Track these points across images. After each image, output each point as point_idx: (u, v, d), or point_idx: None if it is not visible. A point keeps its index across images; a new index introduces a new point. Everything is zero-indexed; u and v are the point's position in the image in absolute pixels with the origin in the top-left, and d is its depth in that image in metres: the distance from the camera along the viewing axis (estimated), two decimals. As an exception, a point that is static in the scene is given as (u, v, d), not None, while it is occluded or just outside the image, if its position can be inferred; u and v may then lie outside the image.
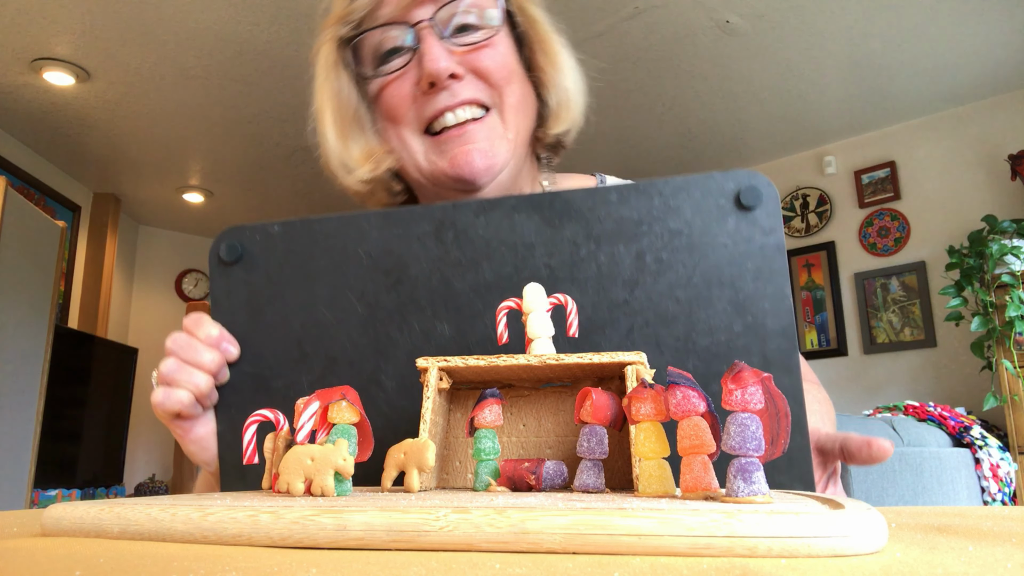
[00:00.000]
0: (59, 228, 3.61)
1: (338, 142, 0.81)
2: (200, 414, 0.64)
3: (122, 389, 5.04)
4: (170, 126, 4.33)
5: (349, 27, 0.78)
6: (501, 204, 0.61)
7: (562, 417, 0.54)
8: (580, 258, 0.58)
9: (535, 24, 0.82)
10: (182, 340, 0.63)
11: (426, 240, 0.61)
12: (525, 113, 0.80)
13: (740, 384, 0.36)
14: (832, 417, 0.78)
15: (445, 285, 0.60)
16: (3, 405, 3.09)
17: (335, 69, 0.80)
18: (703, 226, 0.56)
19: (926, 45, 3.58)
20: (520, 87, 0.80)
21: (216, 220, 6.01)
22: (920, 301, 4.26)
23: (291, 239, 0.64)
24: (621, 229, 0.58)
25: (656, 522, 0.28)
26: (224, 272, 0.66)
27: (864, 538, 0.27)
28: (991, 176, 4.09)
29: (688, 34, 3.50)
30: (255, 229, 0.66)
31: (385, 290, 0.61)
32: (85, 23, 3.31)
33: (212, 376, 0.63)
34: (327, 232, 0.64)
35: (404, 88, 0.77)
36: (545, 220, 0.59)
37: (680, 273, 0.56)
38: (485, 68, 0.77)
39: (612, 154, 4.83)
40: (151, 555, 0.30)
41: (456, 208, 0.61)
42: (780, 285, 0.55)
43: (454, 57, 0.75)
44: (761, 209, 0.55)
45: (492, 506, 0.31)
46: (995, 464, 2.56)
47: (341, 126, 0.81)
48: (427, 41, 0.74)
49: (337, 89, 0.80)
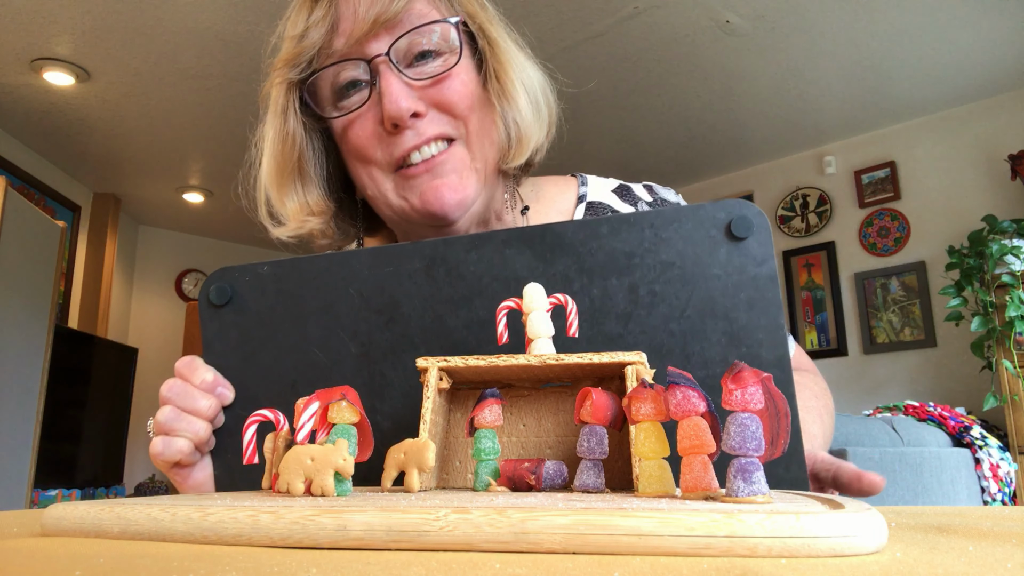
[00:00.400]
0: (59, 228, 3.61)
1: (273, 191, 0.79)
2: (198, 460, 0.64)
3: (122, 389, 5.04)
4: (170, 126, 4.34)
5: (299, 68, 0.75)
6: (492, 239, 0.60)
7: (562, 417, 0.54)
8: (573, 292, 0.57)
9: (495, 47, 0.78)
10: (178, 388, 0.62)
11: (417, 277, 0.61)
12: (491, 139, 0.78)
13: (740, 384, 0.36)
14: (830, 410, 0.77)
15: (438, 322, 0.60)
16: (3, 405, 3.09)
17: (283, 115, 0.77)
18: (695, 257, 0.56)
19: (926, 45, 3.59)
20: (483, 113, 0.77)
21: (216, 220, 6.02)
22: (920, 301, 4.26)
23: (281, 279, 0.64)
24: (613, 262, 0.58)
25: (656, 522, 0.28)
26: (215, 315, 0.65)
27: (864, 538, 0.27)
28: (991, 176, 4.09)
29: (688, 34, 3.50)
30: (244, 270, 0.65)
31: (378, 329, 0.61)
32: (85, 23, 3.31)
33: (210, 422, 0.62)
34: (317, 271, 0.63)
35: (367, 127, 0.74)
36: (536, 254, 0.59)
37: (674, 305, 0.56)
38: (447, 101, 0.74)
39: (612, 154, 4.83)
40: (151, 555, 0.30)
41: (447, 244, 0.61)
42: (774, 315, 0.54)
43: (414, 93, 0.73)
44: (753, 239, 0.55)
45: (492, 506, 0.31)
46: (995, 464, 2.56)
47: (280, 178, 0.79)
48: (385, 78, 0.72)
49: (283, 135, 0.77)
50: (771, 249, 0.55)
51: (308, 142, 0.79)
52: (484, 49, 0.79)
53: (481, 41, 0.78)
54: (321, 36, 0.73)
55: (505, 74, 0.78)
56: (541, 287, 0.54)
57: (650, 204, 0.88)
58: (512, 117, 0.78)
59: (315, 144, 0.80)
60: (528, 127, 0.79)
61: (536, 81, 0.81)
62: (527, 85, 0.80)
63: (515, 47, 0.81)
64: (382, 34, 0.73)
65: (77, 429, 4.45)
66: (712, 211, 0.56)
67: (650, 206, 0.87)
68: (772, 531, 0.27)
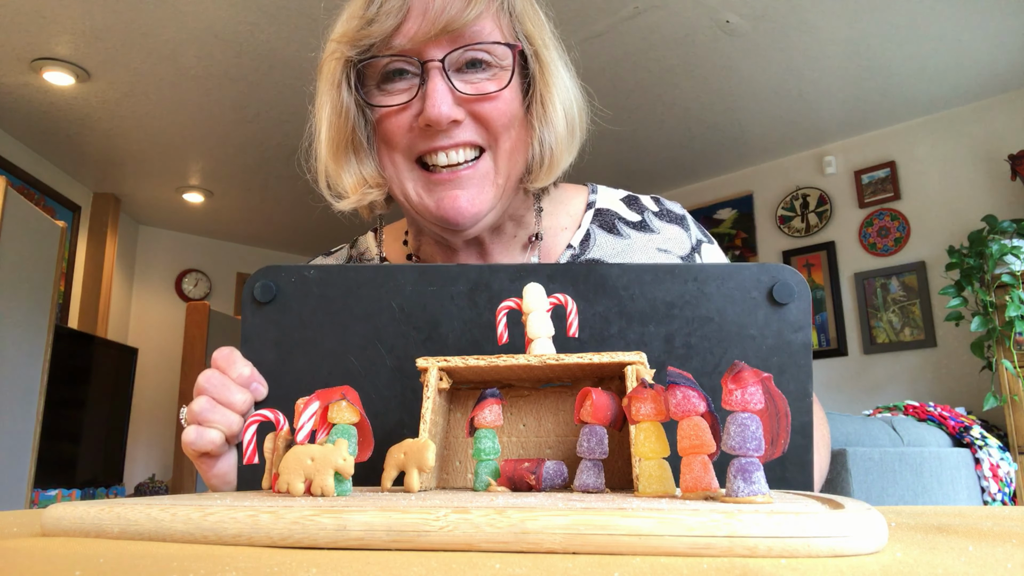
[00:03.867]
0: (59, 228, 3.61)
1: (331, 165, 0.81)
2: (227, 451, 0.65)
3: (122, 389, 5.04)
4: (170, 126, 4.34)
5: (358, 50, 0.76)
6: (537, 271, 0.61)
7: (562, 417, 0.54)
8: (610, 334, 0.58)
9: (544, 70, 0.80)
10: (216, 379, 0.63)
11: (460, 300, 0.61)
12: (519, 159, 0.80)
13: (740, 384, 0.36)
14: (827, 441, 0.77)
15: (475, 346, 0.60)
16: (3, 405, 3.09)
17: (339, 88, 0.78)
18: (734, 316, 0.57)
19: (926, 45, 3.58)
20: (517, 132, 0.79)
21: (216, 220, 6.02)
22: (920, 301, 4.26)
23: (326, 284, 0.65)
24: (654, 309, 0.58)
25: (656, 522, 0.28)
26: (257, 311, 0.66)
27: (864, 538, 0.27)
28: (991, 176, 4.09)
29: (688, 34, 3.50)
30: (291, 271, 0.66)
31: (415, 345, 0.62)
32: (85, 23, 3.31)
33: (242, 416, 0.63)
34: (362, 281, 0.64)
35: (404, 120, 0.76)
36: (579, 292, 0.60)
37: (707, 360, 0.57)
38: (487, 115, 0.75)
39: (612, 154, 4.83)
40: (151, 555, 0.30)
41: (492, 271, 0.62)
42: (803, 382, 0.55)
43: (457, 100, 0.74)
44: (793, 305, 0.56)
45: (492, 506, 0.31)
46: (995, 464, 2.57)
47: (335, 150, 0.80)
48: (433, 81, 0.73)
49: (338, 109, 0.79)
50: (808, 318, 0.56)
51: (361, 116, 0.80)
52: (535, 73, 0.80)
53: (533, 65, 0.80)
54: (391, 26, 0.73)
55: (549, 98, 0.80)
56: (541, 287, 0.54)
57: (657, 215, 0.89)
58: (548, 141, 0.80)
59: (368, 118, 0.81)
60: (561, 152, 0.81)
61: (575, 105, 0.83)
62: (567, 109, 0.81)
63: (564, 69, 0.82)
64: (443, 41, 0.74)
65: (77, 429, 4.45)
66: (756, 273, 0.57)
67: (657, 216, 0.89)
68: (772, 531, 0.27)
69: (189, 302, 5.89)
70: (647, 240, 0.87)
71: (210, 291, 6.44)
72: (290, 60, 3.57)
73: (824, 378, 4.54)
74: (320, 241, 6.47)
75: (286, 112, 4.15)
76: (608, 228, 0.88)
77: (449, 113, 0.73)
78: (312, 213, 0.87)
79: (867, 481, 2.10)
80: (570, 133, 0.82)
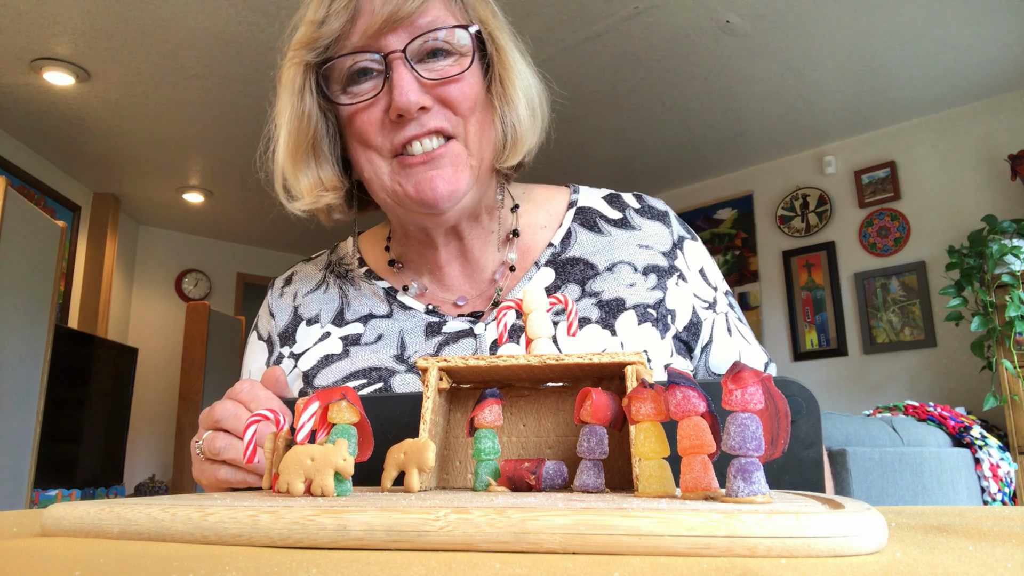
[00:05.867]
0: (59, 228, 3.61)
1: (288, 167, 0.82)
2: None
3: (122, 389, 5.04)
4: (170, 126, 4.34)
5: (316, 52, 0.77)
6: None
7: (562, 417, 0.54)
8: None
9: (501, 53, 0.82)
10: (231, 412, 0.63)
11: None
12: (488, 140, 0.81)
13: (740, 384, 0.36)
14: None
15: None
16: (3, 405, 3.09)
17: (300, 94, 0.80)
18: None
19: (926, 45, 3.59)
20: (483, 114, 0.81)
21: (216, 220, 6.02)
22: (920, 301, 4.26)
23: None
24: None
25: (656, 522, 0.28)
26: None
27: (864, 538, 0.27)
28: (991, 176, 4.09)
29: (688, 34, 3.50)
30: None
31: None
32: (85, 23, 3.31)
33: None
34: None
35: (375, 115, 0.77)
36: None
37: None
38: (452, 99, 0.77)
39: (612, 154, 4.83)
40: (151, 555, 0.30)
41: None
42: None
43: (423, 88, 0.76)
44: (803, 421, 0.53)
45: (492, 506, 0.31)
46: (995, 464, 2.57)
47: (295, 154, 0.81)
48: (398, 71, 0.75)
49: (300, 113, 0.80)
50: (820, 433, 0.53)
51: (323, 121, 0.81)
52: (492, 55, 0.82)
53: (490, 47, 0.82)
54: (340, 25, 0.75)
55: (509, 79, 0.82)
56: (541, 287, 0.54)
57: (638, 211, 0.90)
58: (511, 120, 0.82)
59: (329, 123, 0.82)
60: (525, 130, 0.83)
61: (534, 88, 0.85)
62: (526, 91, 0.83)
63: (519, 55, 0.84)
64: (399, 30, 0.75)
65: (77, 429, 4.45)
66: None
67: (638, 213, 0.89)
68: (772, 531, 0.27)
69: (189, 302, 5.89)
70: (628, 237, 0.87)
71: (210, 291, 6.44)
72: (290, 60, 3.57)
73: (824, 378, 4.54)
74: (320, 241, 6.47)
75: (286, 112, 4.15)
76: (589, 226, 0.89)
77: (417, 100, 0.74)
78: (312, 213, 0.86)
79: (867, 481, 2.10)
80: (531, 113, 0.84)
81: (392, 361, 0.81)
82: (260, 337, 0.92)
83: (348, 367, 0.82)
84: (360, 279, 0.91)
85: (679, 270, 0.85)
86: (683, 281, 0.85)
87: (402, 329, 0.83)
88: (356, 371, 0.81)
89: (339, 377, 0.81)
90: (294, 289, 0.93)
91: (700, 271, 0.87)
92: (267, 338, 0.91)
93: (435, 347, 0.81)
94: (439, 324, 0.83)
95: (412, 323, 0.84)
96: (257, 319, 0.95)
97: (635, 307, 0.80)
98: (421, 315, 0.84)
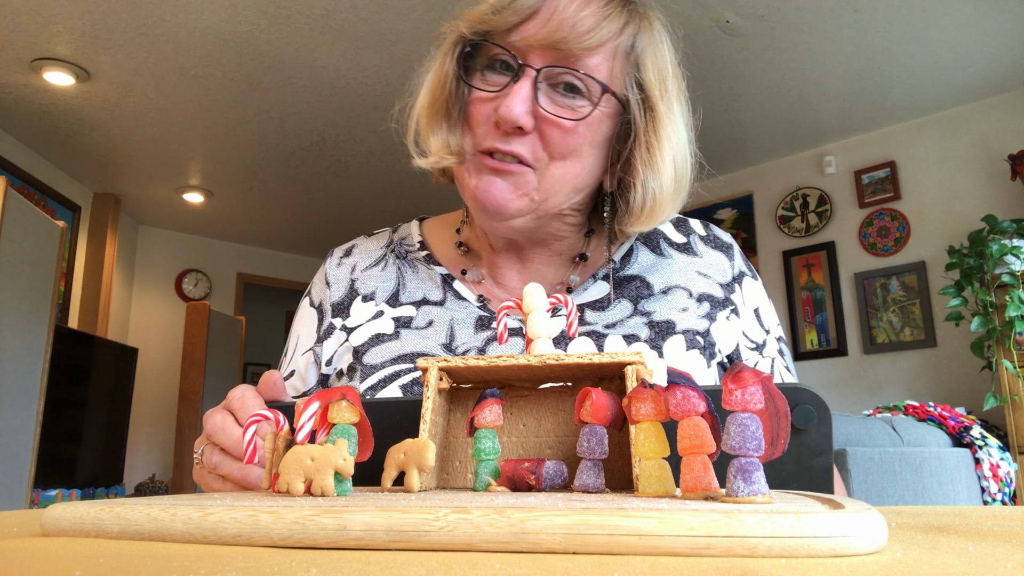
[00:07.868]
0: (59, 228, 3.61)
1: (423, 122, 0.83)
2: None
3: (122, 389, 5.04)
4: (170, 126, 4.33)
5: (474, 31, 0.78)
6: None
7: (562, 417, 0.54)
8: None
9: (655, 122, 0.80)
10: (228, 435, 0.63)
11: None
12: (566, 191, 0.80)
13: (740, 384, 0.36)
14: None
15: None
16: (3, 405, 3.09)
17: (448, 60, 0.81)
18: None
19: (926, 45, 3.58)
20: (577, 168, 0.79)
21: (216, 220, 6.02)
22: (920, 301, 4.26)
23: None
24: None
25: (656, 522, 0.28)
26: None
27: (864, 538, 0.27)
28: (991, 176, 4.09)
29: (688, 34, 3.49)
30: None
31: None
32: (85, 23, 3.31)
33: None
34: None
35: (486, 108, 0.78)
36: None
37: None
38: (550, 139, 0.76)
39: (612, 154, 4.83)
40: (151, 555, 0.30)
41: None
42: None
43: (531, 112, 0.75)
44: (814, 430, 0.53)
45: (492, 506, 0.31)
46: (995, 464, 2.57)
47: (430, 113, 0.83)
48: (521, 83, 0.75)
49: (443, 78, 0.81)
50: (830, 443, 0.53)
51: (457, 90, 0.82)
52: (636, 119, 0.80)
53: (637, 112, 0.80)
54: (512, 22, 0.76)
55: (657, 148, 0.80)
56: (541, 287, 0.54)
57: (703, 239, 0.90)
58: (652, 187, 0.81)
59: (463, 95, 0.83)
60: (665, 201, 0.82)
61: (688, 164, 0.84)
62: (677, 162, 0.82)
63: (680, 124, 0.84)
64: (550, 54, 0.75)
65: (77, 429, 4.45)
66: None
67: (703, 241, 0.90)
68: (772, 531, 0.27)
69: (189, 302, 5.90)
70: (688, 262, 0.87)
71: (210, 291, 6.44)
72: (290, 60, 3.57)
73: (824, 378, 4.54)
74: (320, 241, 6.47)
75: (286, 112, 4.15)
76: (652, 247, 0.89)
77: (518, 118, 0.74)
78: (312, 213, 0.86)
79: (867, 481, 2.10)
80: (675, 184, 0.82)
81: (440, 349, 0.81)
82: (312, 304, 0.93)
83: (397, 348, 0.82)
84: (419, 262, 0.91)
85: (734, 304, 0.85)
86: (735, 316, 0.85)
87: (453, 318, 0.84)
88: (405, 354, 0.81)
89: (387, 358, 0.81)
90: (353, 261, 0.93)
91: (755, 311, 0.87)
92: (319, 306, 0.91)
93: (484, 341, 0.81)
94: (490, 319, 0.83)
95: (464, 314, 0.84)
96: (311, 286, 0.96)
97: (684, 332, 0.80)
98: (473, 307, 0.85)
